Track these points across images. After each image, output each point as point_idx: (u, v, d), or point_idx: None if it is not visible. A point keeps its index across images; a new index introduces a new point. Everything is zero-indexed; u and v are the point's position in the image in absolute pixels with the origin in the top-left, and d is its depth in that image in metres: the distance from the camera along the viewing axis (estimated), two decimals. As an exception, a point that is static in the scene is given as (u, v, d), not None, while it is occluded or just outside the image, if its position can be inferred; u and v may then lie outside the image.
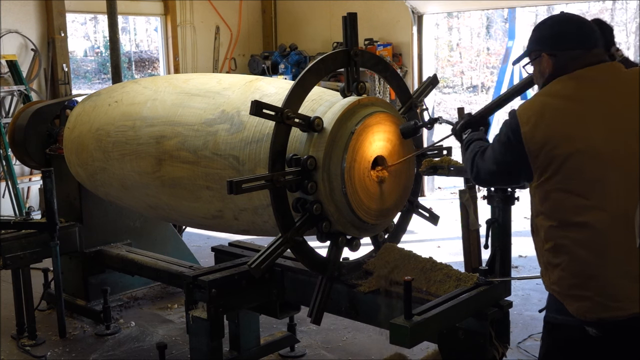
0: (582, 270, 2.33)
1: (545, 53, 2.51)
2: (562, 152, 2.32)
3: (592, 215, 2.30)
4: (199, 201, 3.82)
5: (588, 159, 2.31)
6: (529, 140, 2.37)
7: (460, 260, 3.48)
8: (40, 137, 5.45)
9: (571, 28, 2.50)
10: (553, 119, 2.36)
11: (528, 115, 2.41)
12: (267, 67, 10.35)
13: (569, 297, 2.37)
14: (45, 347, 4.84)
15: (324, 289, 3.32)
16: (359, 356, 4.60)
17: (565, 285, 2.37)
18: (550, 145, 2.34)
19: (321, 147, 3.17)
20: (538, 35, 2.56)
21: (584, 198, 2.31)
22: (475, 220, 3.37)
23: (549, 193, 2.38)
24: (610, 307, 2.29)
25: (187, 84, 4.12)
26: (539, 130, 2.36)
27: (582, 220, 2.31)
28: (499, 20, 20.89)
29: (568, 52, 2.46)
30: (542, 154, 2.36)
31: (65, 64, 8.73)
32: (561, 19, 2.56)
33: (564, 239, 2.36)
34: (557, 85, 2.45)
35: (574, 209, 2.33)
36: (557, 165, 2.34)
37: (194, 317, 3.57)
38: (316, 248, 3.36)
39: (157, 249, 5.57)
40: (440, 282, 3.20)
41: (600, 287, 2.30)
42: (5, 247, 4.72)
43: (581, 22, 2.53)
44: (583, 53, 2.45)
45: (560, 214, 2.37)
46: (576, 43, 2.46)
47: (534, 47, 2.56)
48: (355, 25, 3.33)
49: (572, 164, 2.31)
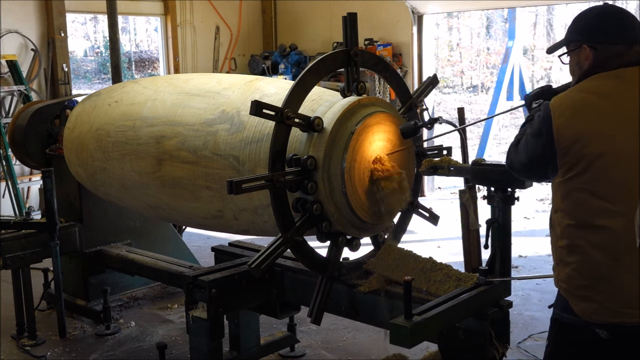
0: (595, 272, 2.30)
1: (587, 45, 2.42)
2: (592, 152, 2.27)
3: (614, 220, 2.26)
4: (199, 201, 3.82)
5: (618, 162, 2.25)
6: (560, 135, 2.31)
7: (460, 260, 3.48)
8: (40, 137, 5.45)
9: (616, 21, 2.41)
10: (587, 116, 2.30)
11: (562, 109, 2.34)
12: (267, 67, 10.35)
13: (576, 297, 2.35)
14: (45, 347, 4.84)
15: (324, 289, 3.32)
16: (359, 356, 4.60)
17: (574, 285, 2.36)
18: (582, 143, 2.28)
19: (321, 147, 3.17)
20: (581, 25, 2.46)
21: (608, 202, 2.27)
22: (475, 220, 3.36)
23: (571, 191, 2.34)
24: (620, 313, 2.28)
25: (187, 84, 4.12)
26: (572, 125, 2.30)
27: (602, 224, 2.27)
28: (499, 20, 20.89)
29: (610, 46, 2.38)
30: (572, 151, 2.30)
31: (65, 64, 8.73)
32: (606, 10, 2.46)
33: (580, 240, 2.33)
34: (595, 82, 2.38)
35: (596, 211, 2.29)
36: (585, 164, 2.28)
37: (194, 317, 3.57)
38: (316, 248, 3.36)
39: (157, 249, 5.57)
40: (440, 282, 3.19)
41: (611, 291, 2.28)
42: (5, 247, 4.72)
43: (626, 15, 2.44)
44: (624, 49, 2.37)
45: (580, 214, 2.32)
46: (619, 37, 2.38)
47: (575, 37, 2.46)
48: (355, 25, 3.32)
49: (601, 165, 2.26)
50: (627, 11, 2.47)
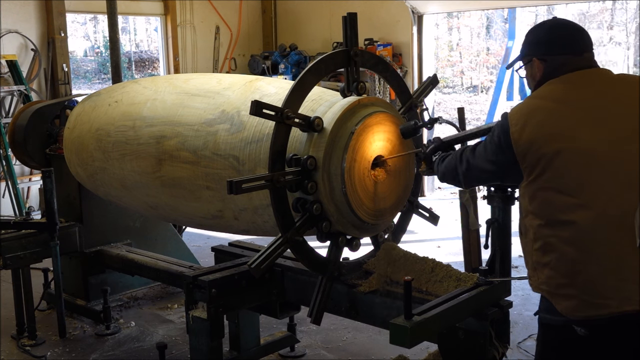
0: (569, 267, 2.35)
1: (536, 58, 2.58)
2: (548, 151, 2.36)
3: (579, 213, 2.32)
4: (199, 201, 3.82)
5: (574, 157, 2.34)
6: (517, 141, 2.42)
7: (460, 260, 3.48)
8: (40, 137, 5.45)
9: (562, 33, 2.57)
10: (540, 119, 2.41)
11: (517, 117, 2.46)
12: (267, 67, 10.35)
13: (558, 296, 2.38)
14: (45, 347, 4.84)
15: (324, 289, 3.32)
16: (359, 356, 4.61)
17: (554, 284, 2.39)
18: (537, 145, 2.38)
19: (321, 147, 3.17)
20: (529, 40, 2.63)
21: (571, 196, 2.33)
22: (475, 220, 3.37)
23: (537, 192, 2.41)
24: (595, 305, 2.31)
25: (187, 84, 4.12)
26: (526, 130, 2.41)
27: (569, 219, 2.33)
28: (499, 20, 20.89)
29: (558, 56, 2.53)
30: (530, 154, 2.39)
31: (65, 64, 8.73)
32: (552, 24, 2.63)
33: (552, 237, 2.38)
34: (546, 88, 2.52)
35: (561, 207, 2.35)
36: (544, 163, 2.37)
37: (194, 317, 3.57)
38: (316, 248, 3.36)
39: (157, 249, 5.57)
40: (440, 282, 3.20)
41: (584, 284, 2.32)
42: (5, 247, 4.72)
43: (572, 27, 2.60)
44: (572, 58, 2.52)
45: (548, 212, 2.39)
46: (566, 48, 2.53)
47: (526, 52, 2.64)
48: (355, 25, 3.32)
49: (559, 162, 2.35)
50: (576, 24, 2.65)
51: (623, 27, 18.96)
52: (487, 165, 2.59)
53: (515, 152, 2.43)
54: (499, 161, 2.53)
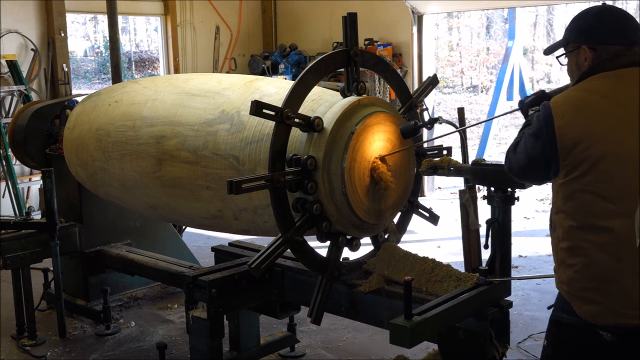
0: (599, 274, 2.28)
1: (586, 46, 2.40)
2: (595, 153, 2.24)
3: (618, 221, 2.23)
4: (199, 201, 3.82)
5: (621, 163, 2.23)
6: (563, 136, 2.28)
7: (460, 260, 3.48)
8: (40, 137, 5.46)
9: (615, 21, 2.40)
10: (590, 116, 2.28)
11: (563, 110, 2.31)
12: (267, 67, 10.35)
13: (579, 299, 2.33)
14: (45, 347, 4.84)
15: (324, 289, 3.32)
16: (359, 356, 4.60)
17: (576, 287, 2.33)
18: (585, 144, 2.25)
19: (321, 147, 3.17)
20: (579, 26, 2.44)
21: (612, 203, 2.24)
22: (475, 220, 3.37)
23: (574, 193, 2.31)
24: (624, 314, 2.26)
25: (187, 84, 4.12)
26: (575, 126, 2.27)
27: (606, 225, 2.25)
28: (499, 20, 20.89)
29: (609, 46, 2.36)
30: (575, 152, 2.27)
31: (65, 64, 8.73)
32: (605, 10, 2.43)
33: (583, 241, 2.30)
34: (595, 82, 2.35)
35: (600, 212, 2.26)
36: (588, 165, 2.26)
37: (194, 317, 3.57)
38: (316, 248, 3.36)
39: (157, 249, 5.57)
40: (440, 282, 3.19)
41: (615, 292, 2.26)
42: (5, 247, 4.72)
43: (625, 15, 2.42)
44: (624, 50, 2.35)
45: (583, 216, 2.30)
46: (618, 38, 2.36)
47: (573, 38, 2.45)
48: (355, 25, 3.32)
49: (605, 166, 2.24)
50: (626, 12, 2.47)
51: (623, 27, 18.90)
52: (526, 161, 2.44)
53: (559, 146, 2.29)
54: (539, 155, 2.37)
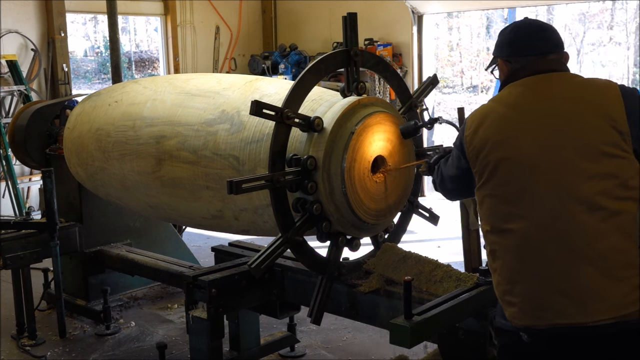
0: (510, 276, 2.33)
1: (501, 59, 2.56)
2: (493, 158, 2.35)
3: (518, 223, 2.29)
4: (199, 201, 3.82)
5: (517, 166, 2.31)
6: (469, 145, 2.43)
7: (460, 260, 3.48)
8: (40, 137, 5.45)
9: (528, 33, 2.52)
10: (491, 125, 2.39)
11: (471, 121, 2.46)
12: (267, 67, 10.35)
13: (504, 303, 2.37)
14: (45, 347, 4.84)
15: (324, 289, 3.32)
16: (359, 356, 4.61)
17: (501, 290, 2.38)
18: (485, 151, 2.37)
19: (321, 147, 3.17)
20: (498, 41, 2.61)
21: (512, 205, 2.32)
22: (475, 220, 3.37)
23: (484, 198, 2.41)
24: (533, 315, 2.28)
25: (187, 84, 4.12)
26: (477, 135, 2.40)
27: (509, 227, 2.31)
28: (499, 20, 20.87)
29: (521, 58, 2.48)
30: (479, 159, 2.39)
31: (65, 64, 8.73)
32: (519, 25, 2.57)
33: (496, 245, 2.37)
34: (504, 92, 2.49)
35: (503, 215, 2.34)
36: (490, 170, 2.36)
37: (194, 317, 3.57)
38: (316, 248, 3.36)
39: (157, 249, 5.56)
40: (440, 282, 3.19)
41: (522, 293, 2.30)
42: (5, 247, 4.72)
43: (537, 27, 2.53)
44: (535, 60, 2.46)
45: (492, 220, 2.38)
46: (530, 49, 2.48)
47: (495, 53, 2.62)
48: (355, 25, 3.33)
49: (503, 170, 2.33)
50: (545, 23, 2.58)
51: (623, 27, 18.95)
52: (453, 170, 2.60)
53: (467, 156, 2.44)
54: (462, 166, 2.52)
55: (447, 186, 2.76)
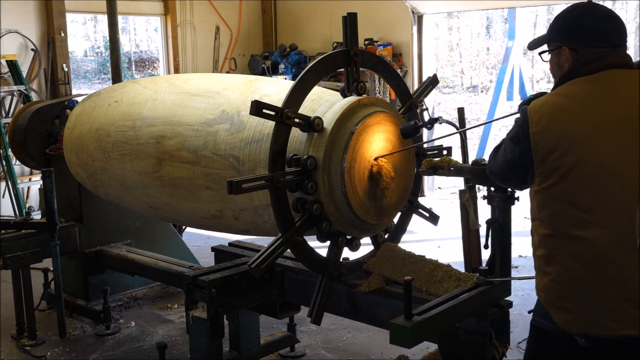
0: (573, 283, 2.27)
1: (567, 47, 2.34)
2: (570, 161, 2.20)
3: (591, 231, 2.20)
4: (199, 201, 3.82)
5: (596, 171, 2.18)
6: (537, 143, 2.25)
7: (460, 260, 3.48)
8: (40, 137, 5.46)
9: (598, 22, 2.32)
10: (564, 123, 2.22)
11: (539, 116, 2.27)
12: (267, 67, 10.35)
13: (555, 307, 2.32)
14: (45, 347, 4.84)
15: (324, 289, 3.32)
16: (359, 356, 4.61)
17: (552, 295, 2.33)
18: (559, 152, 2.21)
19: (321, 147, 3.17)
20: (561, 25, 2.38)
21: (586, 213, 2.21)
22: (475, 220, 3.37)
23: (548, 201, 2.29)
24: (596, 324, 2.24)
25: (187, 84, 4.12)
26: (549, 133, 2.23)
27: (579, 234, 2.22)
28: (499, 20, 20.88)
29: (591, 49, 2.29)
30: (549, 159, 2.24)
31: (65, 64, 8.73)
32: (589, 10, 2.34)
33: (558, 250, 2.29)
34: (573, 87, 2.29)
35: (573, 221, 2.23)
36: (562, 173, 2.22)
37: (194, 317, 3.57)
38: (316, 248, 3.36)
39: (157, 249, 5.56)
40: (440, 282, 3.19)
41: (588, 302, 2.25)
42: (5, 247, 4.72)
43: (610, 16, 2.34)
44: (607, 52, 2.29)
45: (557, 225, 2.28)
46: (601, 40, 2.29)
47: (555, 38, 2.39)
48: (355, 25, 3.32)
49: (579, 174, 2.20)
50: (612, 11, 2.37)
51: (623, 27, 18.93)
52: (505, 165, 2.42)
53: (534, 154, 2.26)
54: (517, 160, 2.35)
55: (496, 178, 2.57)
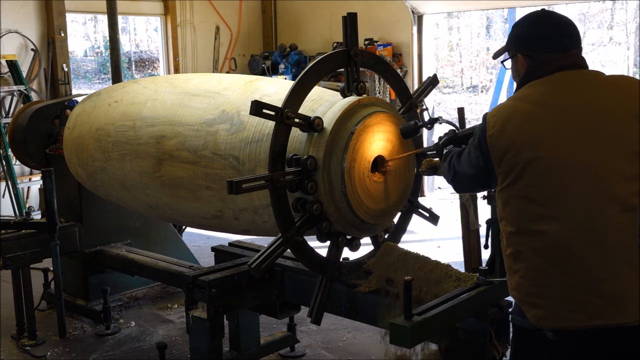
0: (538, 278, 2.31)
1: (521, 54, 2.47)
2: (523, 158, 2.28)
3: (550, 224, 2.26)
4: (199, 201, 3.82)
5: (549, 167, 2.26)
6: (493, 145, 2.35)
7: (460, 260, 3.48)
8: (40, 137, 5.46)
9: (548, 28, 2.44)
10: (519, 124, 2.32)
11: (495, 120, 2.38)
12: (267, 67, 10.35)
13: (526, 304, 2.35)
14: (45, 347, 4.84)
15: (324, 289, 3.32)
16: (359, 356, 4.61)
17: (523, 292, 2.36)
18: (513, 151, 2.30)
19: (321, 147, 3.17)
20: (515, 34, 2.51)
21: (542, 207, 2.27)
22: (475, 220, 3.37)
23: (509, 199, 2.36)
24: (563, 317, 2.27)
25: (187, 84, 4.12)
26: (503, 135, 2.33)
27: (539, 229, 2.28)
28: (499, 20, 20.87)
29: (543, 54, 2.41)
30: (505, 159, 2.33)
31: (65, 64, 8.73)
32: (539, 18, 2.47)
33: (522, 246, 2.33)
34: (528, 90, 2.41)
35: (532, 216, 2.30)
36: (518, 171, 2.30)
37: (194, 317, 3.57)
38: (316, 248, 3.36)
39: (157, 249, 5.57)
40: (440, 282, 3.19)
41: (552, 295, 2.28)
42: (5, 247, 4.72)
43: (559, 21, 2.46)
44: (558, 55, 2.39)
45: (519, 221, 2.34)
46: (552, 45, 2.41)
47: (512, 47, 2.52)
48: (355, 25, 3.33)
49: (533, 171, 2.28)
50: (565, 17, 2.49)
51: (623, 27, 18.94)
52: (470, 170, 2.53)
53: (492, 156, 2.36)
54: (480, 165, 2.45)
55: (461, 183, 2.67)
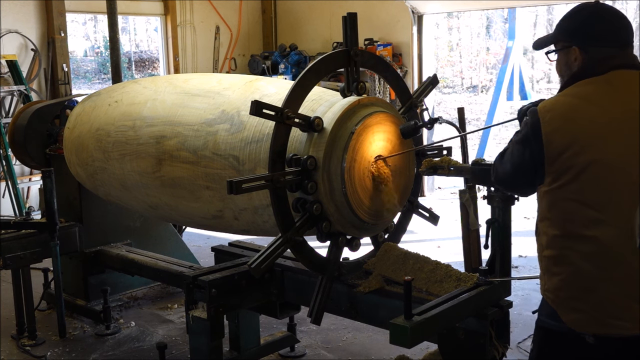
0: (582, 283, 2.26)
1: (577, 47, 2.33)
2: (582, 160, 2.19)
3: (603, 229, 2.20)
4: (199, 201, 3.82)
5: (608, 171, 2.18)
6: (549, 143, 2.23)
7: (460, 260, 3.48)
8: (40, 137, 5.46)
9: (609, 22, 2.32)
10: (577, 123, 2.21)
11: (551, 115, 2.25)
12: (267, 67, 10.35)
13: (564, 308, 2.31)
14: (45, 347, 4.84)
15: (324, 289, 3.32)
16: (359, 356, 4.60)
17: (562, 296, 2.32)
18: (571, 151, 2.20)
19: (321, 147, 3.17)
20: (570, 25, 2.38)
21: (597, 211, 2.20)
22: (475, 220, 3.37)
23: (558, 201, 2.28)
24: (608, 324, 2.24)
25: (187, 84, 4.12)
26: (561, 133, 2.22)
27: (592, 234, 2.21)
28: (499, 20, 20.88)
29: (602, 48, 2.29)
30: (561, 159, 2.23)
31: (65, 64, 8.73)
32: (598, 10, 2.35)
33: (568, 250, 2.27)
34: (584, 87, 2.29)
35: (584, 221, 2.22)
36: (574, 173, 2.21)
37: (194, 317, 3.57)
38: (316, 248, 3.36)
39: (157, 249, 5.57)
40: (440, 282, 3.19)
41: (598, 302, 2.24)
42: (5, 247, 4.72)
43: (619, 16, 2.35)
44: (617, 52, 2.29)
45: (568, 224, 2.27)
46: (611, 40, 2.30)
47: (564, 38, 2.38)
48: (355, 25, 3.32)
49: (591, 174, 2.19)
50: (620, 12, 2.39)
51: (623, 27, 18.90)
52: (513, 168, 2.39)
53: (545, 154, 2.24)
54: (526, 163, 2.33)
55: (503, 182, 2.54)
